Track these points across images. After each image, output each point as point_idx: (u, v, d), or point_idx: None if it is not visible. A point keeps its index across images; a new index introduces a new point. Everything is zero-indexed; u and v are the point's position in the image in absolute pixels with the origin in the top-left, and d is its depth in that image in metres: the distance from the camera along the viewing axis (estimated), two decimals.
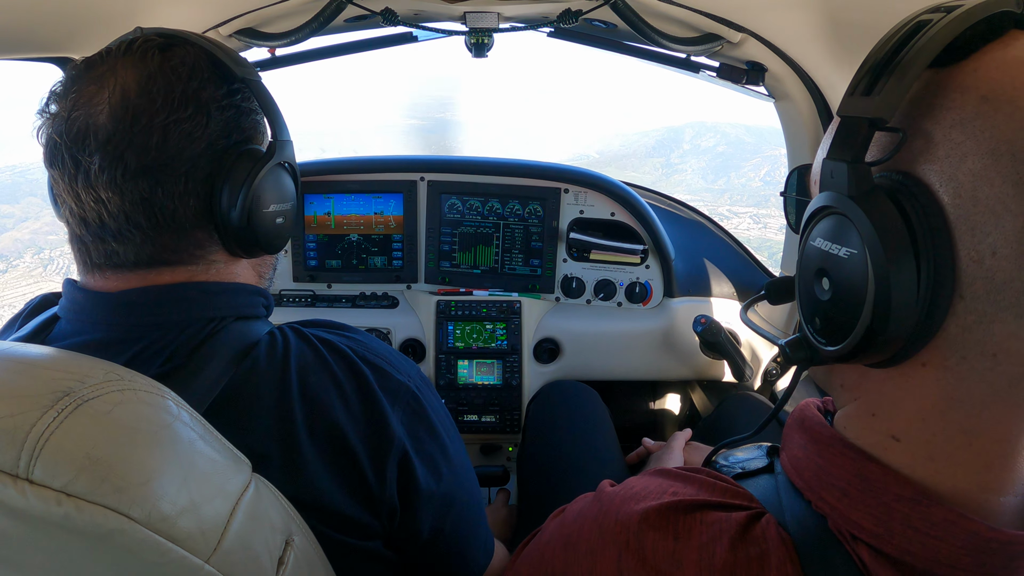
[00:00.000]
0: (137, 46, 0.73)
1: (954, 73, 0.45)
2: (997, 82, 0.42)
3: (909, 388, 0.50)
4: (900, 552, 0.48)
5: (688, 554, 0.54)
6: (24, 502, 0.47)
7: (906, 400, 0.50)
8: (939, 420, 0.48)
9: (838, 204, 0.47)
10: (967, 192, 0.42)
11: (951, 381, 0.47)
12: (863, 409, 0.54)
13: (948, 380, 0.47)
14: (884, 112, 0.44)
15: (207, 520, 0.55)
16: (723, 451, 0.72)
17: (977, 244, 0.42)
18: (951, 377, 0.47)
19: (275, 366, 0.76)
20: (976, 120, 0.42)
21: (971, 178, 0.42)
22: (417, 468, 0.80)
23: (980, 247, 0.42)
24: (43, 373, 0.53)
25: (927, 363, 0.48)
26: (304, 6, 1.40)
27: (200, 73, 0.74)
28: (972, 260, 0.43)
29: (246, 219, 0.77)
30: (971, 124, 0.43)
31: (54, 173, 0.72)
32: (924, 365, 0.48)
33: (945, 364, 0.47)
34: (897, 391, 0.51)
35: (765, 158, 47.13)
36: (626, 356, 1.97)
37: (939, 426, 0.48)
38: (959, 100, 0.44)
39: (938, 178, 0.44)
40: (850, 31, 1.17)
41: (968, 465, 0.48)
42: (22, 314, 0.85)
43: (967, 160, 0.42)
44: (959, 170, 0.43)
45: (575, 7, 1.41)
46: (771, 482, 0.60)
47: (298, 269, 1.96)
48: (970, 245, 0.43)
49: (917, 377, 0.49)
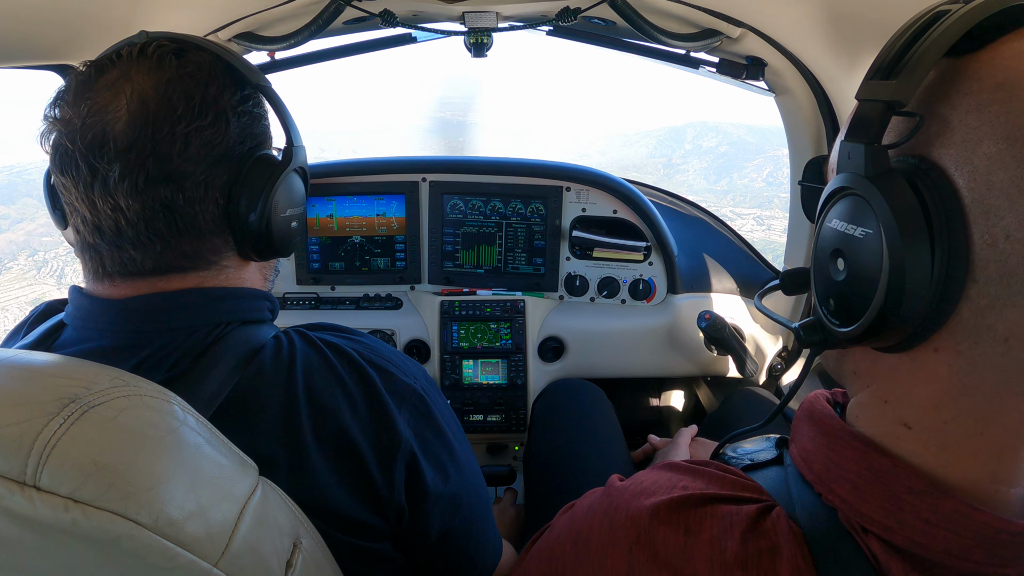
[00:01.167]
0: (151, 51, 0.72)
1: (971, 62, 0.45)
2: (1013, 70, 0.43)
3: (921, 374, 0.50)
4: (911, 544, 0.48)
5: (699, 548, 0.54)
6: (32, 509, 0.48)
7: (918, 387, 0.50)
8: (951, 408, 0.48)
9: (855, 184, 0.48)
10: (982, 176, 0.43)
11: (963, 367, 0.47)
12: (876, 396, 0.54)
13: (960, 366, 0.47)
14: (901, 96, 0.46)
15: (215, 524, 0.55)
16: (730, 444, 0.72)
17: (991, 227, 0.43)
18: (963, 363, 0.46)
19: (281, 370, 0.76)
20: (992, 106, 0.43)
21: (986, 162, 0.43)
22: (425, 470, 0.80)
23: (994, 230, 0.43)
24: (49, 380, 0.54)
25: (939, 348, 0.48)
26: (303, 9, 1.40)
27: (217, 79, 0.75)
28: (986, 244, 0.43)
29: (265, 224, 0.78)
30: (987, 110, 0.43)
31: (66, 181, 0.71)
32: (936, 351, 0.48)
33: (957, 349, 0.46)
34: (909, 377, 0.51)
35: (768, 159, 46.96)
36: (631, 353, 1.97)
37: (950, 414, 0.48)
38: (976, 87, 0.44)
39: (953, 162, 0.45)
40: (849, 24, 1.17)
41: (979, 455, 0.48)
42: (27, 321, 0.85)
43: (983, 144, 0.43)
44: (974, 154, 0.43)
45: (574, 5, 1.40)
46: (780, 474, 0.60)
47: (301, 272, 1.96)
48: (984, 228, 0.43)
49: (930, 363, 0.49)
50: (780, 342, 1.90)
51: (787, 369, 1.87)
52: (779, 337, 1.89)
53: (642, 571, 0.56)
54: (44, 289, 13.96)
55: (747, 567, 0.52)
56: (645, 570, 0.56)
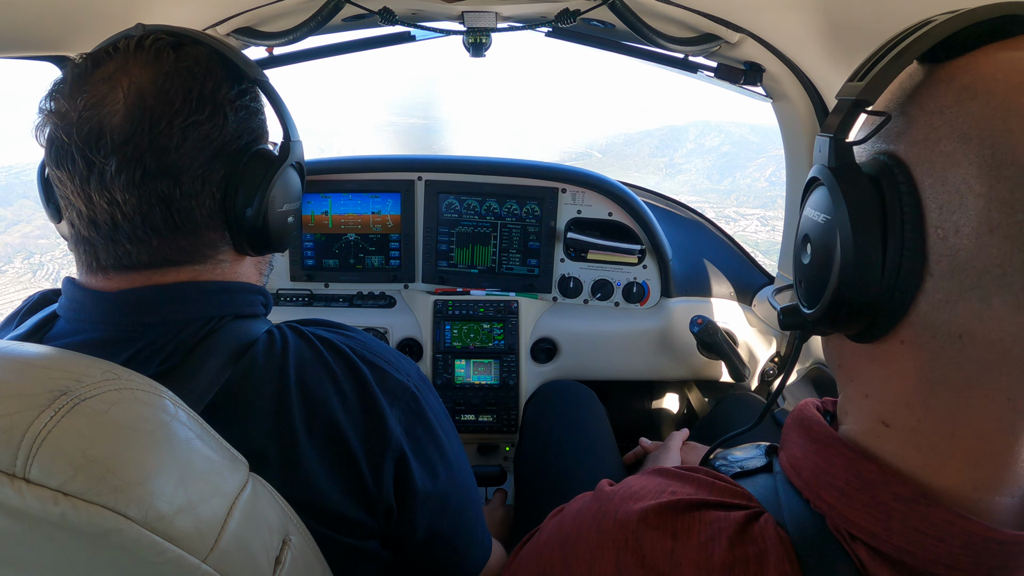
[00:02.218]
0: (148, 44, 0.72)
1: (948, 67, 0.47)
2: (980, 75, 0.45)
3: (892, 367, 0.51)
4: (898, 552, 0.48)
5: (687, 553, 0.54)
6: (21, 501, 0.47)
7: (892, 380, 0.51)
8: (921, 406, 0.49)
9: (820, 174, 0.51)
10: (938, 172, 0.45)
11: (926, 361, 0.48)
12: (858, 391, 0.55)
13: (923, 360, 0.48)
14: (867, 95, 0.48)
15: (204, 520, 0.55)
16: (720, 450, 0.72)
17: (943, 222, 0.45)
18: (926, 356, 0.48)
19: (273, 364, 0.76)
20: (954, 107, 0.45)
21: (943, 159, 0.45)
22: (414, 468, 0.80)
23: (946, 224, 0.44)
24: (40, 372, 0.53)
25: (905, 341, 0.49)
26: (302, 5, 1.40)
27: (214, 73, 0.74)
28: (939, 237, 0.45)
29: (262, 219, 0.77)
30: (949, 111, 0.45)
31: (61, 174, 0.70)
32: (903, 343, 0.49)
33: (919, 342, 0.48)
34: (883, 370, 0.52)
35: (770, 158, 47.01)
36: (623, 356, 1.97)
37: (922, 412, 0.49)
38: (943, 89, 0.46)
39: (916, 159, 0.47)
40: (848, 31, 1.17)
41: (955, 458, 0.48)
42: (20, 311, 0.85)
43: (941, 143, 0.45)
44: (933, 152, 0.45)
45: (573, 7, 1.40)
46: (770, 481, 0.60)
47: (295, 268, 1.96)
48: (938, 222, 0.45)
49: (899, 356, 0.50)
50: (773, 347, 1.90)
51: (780, 374, 1.87)
52: (772, 342, 1.90)
53: (630, 575, 0.56)
54: None
55: (734, 572, 0.52)
56: (633, 574, 0.56)
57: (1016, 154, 0.41)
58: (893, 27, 0.51)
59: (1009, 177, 0.41)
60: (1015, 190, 0.41)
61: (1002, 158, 0.41)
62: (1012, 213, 0.41)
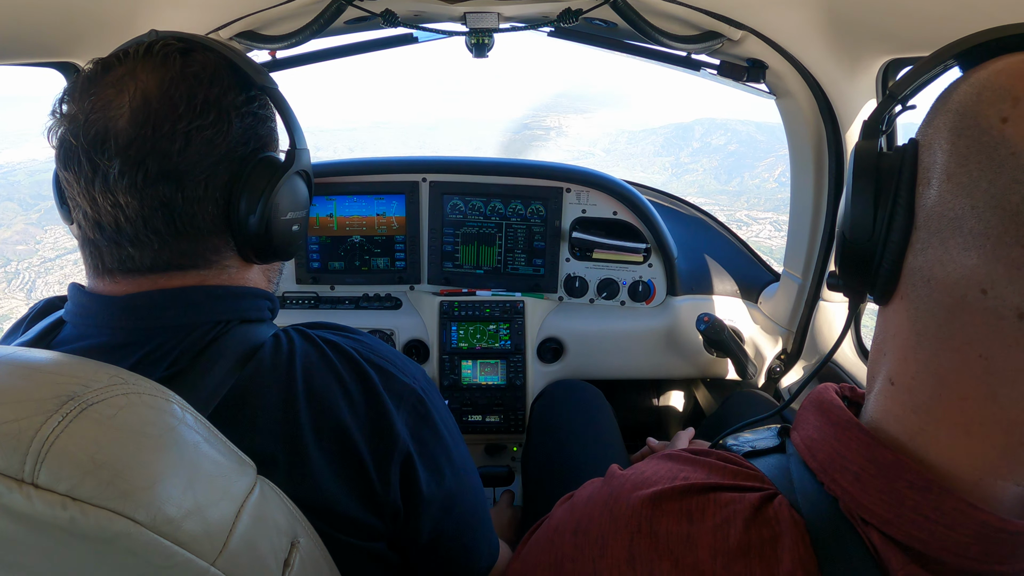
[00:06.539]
0: (157, 49, 0.72)
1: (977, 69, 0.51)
2: (988, 77, 0.48)
3: (897, 323, 0.54)
4: (909, 538, 0.49)
5: (702, 536, 0.55)
6: (29, 506, 0.48)
7: (897, 337, 0.54)
8: (913, 360, 0.51)
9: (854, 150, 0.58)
10: (927, 141, 0.51)
11: (911, 312, 0.51)
12: (878, 350, 0.57)
13: (909, 311, 0.52)
14: (896, 89, 0.57)
15: (212, 523, 0.55)
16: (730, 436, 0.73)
17: (922, 180, 0.51)
18: (910, 306, 0.51)
19: (280, 368, 0.76)
20: (952, 93, 0.51)
21: (933, 131, 0.51)
22: (420, 471, 0.80)
23: (923, 181, 0.51)
24: (47, 378, 0.53)
25: (903, 296, 0.53)
26: (304, 8, 1.40)
27: (221, 79, 0.74)
28: (919, 194, 0.51)
29: (264, 227, 0.77)
30: (949, 98, 0.51)
31: (69, 176, 0.71)
32: (901, 299, 0.53)
33: (908, 294, 0.52)
34: (889, 326, 0.55)
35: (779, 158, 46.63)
36: (630, 355, 1.97)
37: (915, 367, 0.51)
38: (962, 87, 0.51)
39: (922, 136, 0.53)
40: (851, 28, 1.17)
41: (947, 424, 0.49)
42: (27, 318, 0.85)
43: (940, 132, 0.51)
44: (930, 126, 0.52)
45: (575, 6, 1.40)
46: (782, 461, 0.61)
47: (301, 271, 1.97)
48: (923, 181, 0.51)
49: (900, 312, 0.53)
50: (779, 344, 1.90)
51: (786, 371, 1.87)
52: (778, 339, 1.89)
53: (643, 560, 0.56)
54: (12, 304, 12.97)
55: (749, 555, 0.53)
56: (646, 559, 0.56)
57: (978, 117, 0.47)
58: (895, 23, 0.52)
59: (969, 136, 0.47)
60: (971, 146, 0.47)
61: (967, 121, 0.48)
62: (965, 164, 0.47)
